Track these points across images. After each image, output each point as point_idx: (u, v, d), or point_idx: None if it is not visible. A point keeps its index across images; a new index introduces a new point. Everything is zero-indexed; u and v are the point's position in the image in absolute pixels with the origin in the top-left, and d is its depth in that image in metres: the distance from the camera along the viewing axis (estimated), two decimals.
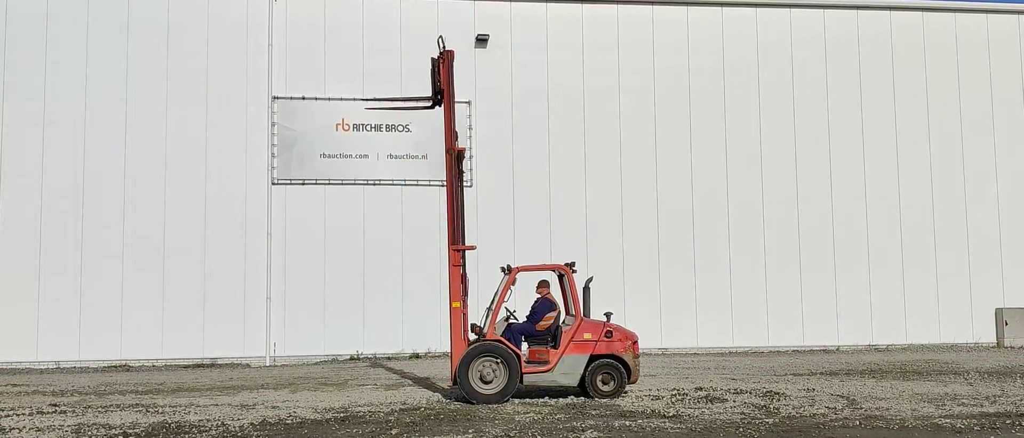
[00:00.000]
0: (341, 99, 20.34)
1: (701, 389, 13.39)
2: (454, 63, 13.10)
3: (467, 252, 12.75)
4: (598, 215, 20.89)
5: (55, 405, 12.37)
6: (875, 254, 21.70)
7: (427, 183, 20.44)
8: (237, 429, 10.04)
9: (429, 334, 19.72)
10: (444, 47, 12.95)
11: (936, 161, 22.15)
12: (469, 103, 20.61)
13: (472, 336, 12.62)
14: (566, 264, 13.18)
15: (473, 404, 11.90)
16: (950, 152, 22.23)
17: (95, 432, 9.91)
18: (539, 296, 12.96)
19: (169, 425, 10.39)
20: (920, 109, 22.21)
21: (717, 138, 21.46)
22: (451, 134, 12.92)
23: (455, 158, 12.79)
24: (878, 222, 21.80)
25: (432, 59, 13.20)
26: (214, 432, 9.86)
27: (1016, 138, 22.52)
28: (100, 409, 11.86)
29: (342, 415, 11.09)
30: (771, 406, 11.56)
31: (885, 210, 21.85)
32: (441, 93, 13.02)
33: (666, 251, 21.03)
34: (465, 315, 12.46)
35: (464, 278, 12.56)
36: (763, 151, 21.56)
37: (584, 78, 21.19)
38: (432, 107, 13.46)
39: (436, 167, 20.41)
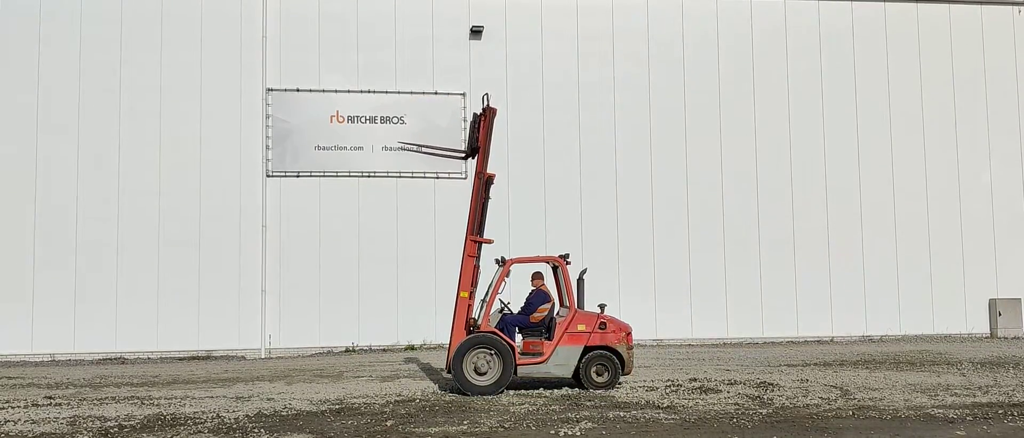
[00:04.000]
0: (335, 91, 20.31)
1: (695, 380, 13.43)
2: (494, 119, 12.97)
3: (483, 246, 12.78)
4: (593, 206, 20.90)
5: (50, 398, 12.37)
6: (869, 245, 21.76)
7: (421, 175, 20.43)
8: (232, 421, 10.05)
9: (424, 326, 19.74)
10: (488, 104, 12.89)
11: (930, 152, 22.19)
12: (463, 95, 20.62)
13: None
14: (560, 256, 13.20)
15: (468, 395, 11.93)
16: (944, 143, 22.27)
17: (90, 424, 9.92)
18: (533, 288, 13.00)
19: (164, 417, 10.39)
20: (914, 101, 22.24)
21: (711, 130, 21.47)
22: (482, 165, 12.76)
23: (484, 182, 12.74)
24: (872, 213, 21.84)
25: (474, 114, 13.10)
26: (210, 424, 9.87)
27: (1009, 129, 22.57)
28: (95, 401, 11.86)
29: (337, 407, 11.11)
30: (765, 397, 11.61)
31: (879, 201, 21.90)
32: (477, 147, 12.89)
33: (660, 243, 21.05)
34: (470, 306, 12.49)
35: (476, 271, 12.58)
36: (757, 142, 21.57)
37: (579, 69, 21.17)
38: (466, 158, 13.41)
39: (430, 159, 20.40)
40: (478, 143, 12.85)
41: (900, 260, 21.82)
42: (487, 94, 13.35)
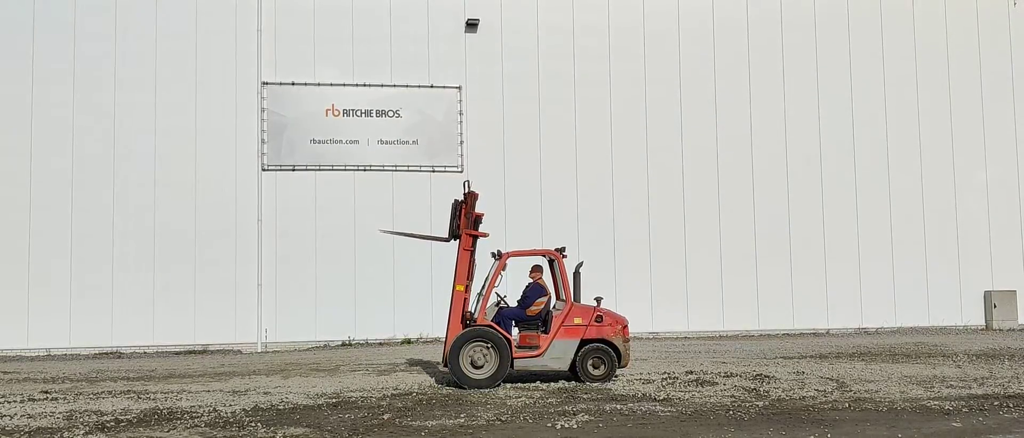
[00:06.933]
0: (331, 84, 20.27)
1: (691, 373, 13.45)
2: (476, 203, 12.87)
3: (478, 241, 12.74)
4: (589, 200, 20.89)
5: (46, 392, 12.36)
6: (864, 237, 21.79)
7: (417, 168, 20.41)
8: (229, 415, 10.04)
9: (421, 319, 19.74)
10: (469, 189, 12.84)
11: (926, 145, 22.22)
12: (459, 88, 20.59)
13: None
14: (556, 249, 13.20)
15: (465, 389, 11.93)
16: (940, 137, 22.30)
17: (87, 418, 9.91)
18: (530, 281, 12.99)
19: (161, 411, 10.38)
20: (910, 94, 22.25)
21: (707, 123, 21.46)
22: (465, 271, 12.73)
23: (473, 220, 12.71)
24: (867, 205, 21.87)
25: (455, 200, 13.01)
26: (206, 418, 9.87)
27: (1005, 123, 22.61)
28: (92, 396, 11.86)
29: (334, 400, 11.11)
30: (761, 389, 11.63)
31: (875, 193, 21.92)
32: (459, 234, 12.81)
33: (657, 236, 21.06)
34: (466, 300, 12.49)
35: (472, 264, 12.58)
36: (753, 137, 21.58)
37: (575, 63, 21.14)
38: (448, 240, 13.33)
39: (427, 152, 20.46)
40: (459, 229, 12.75)
41: (895, 252, 21.86)
42: (468, 181, 13.26)
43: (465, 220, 12.70)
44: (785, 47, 21.90)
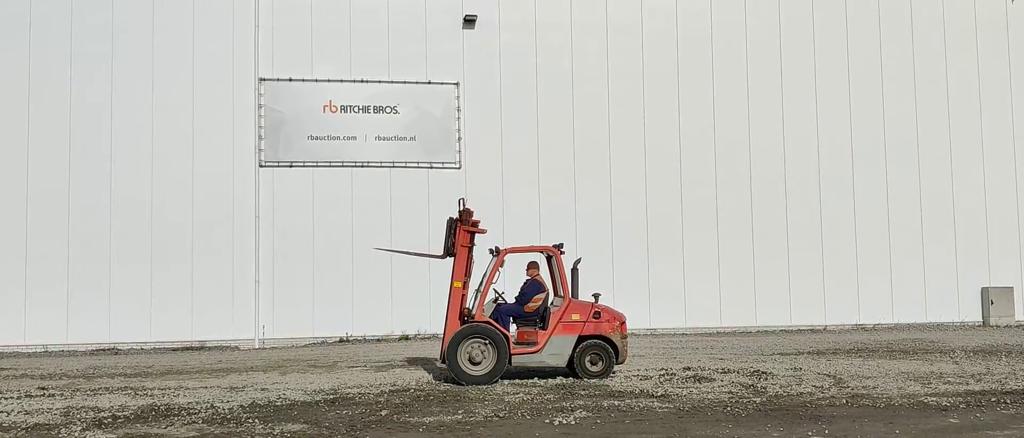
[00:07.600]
0: (328, 80, 20.25)
1: (689, 369, 13.45)
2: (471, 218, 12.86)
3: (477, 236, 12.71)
4: (587, 196, 20.88)
5: (44, 388, 12.33)
6: (862, 234, 21.80)
7: (416, 165, 20.39)
8: (227, 411, 10.02)
9: (418, 316, 19.71)
10: (464, 206, 12.81)
11: (923, 142, 22.24)
12: (457, 84, 20.58)
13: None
14: (555, 245, 13.19)
15: (462, 385, 11.93)
16: (937, 133, 22.32)
17: (84, 415, 9.88)
18: (528, 278, 12.98)
19: (158, 408, 10.37)
20: (908, 90, 22.26)
21: (706, 120, 21.46)
22: (461, 272, 12.66)
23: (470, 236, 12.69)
24: (865, 201, 21.89)
25: (450, 219, 12.98)
26: (203, 414, 9.85)
27: (1003, 119, 22.63)
28: (89, 392, 11.84)
29: (332, 397, 11.10)
30: (758, 385, 11.63)
31: (873, 191, 21.95)
32: (453, 252, 12.75)
33: (655, 232, 21.07)
34: (464, 296, 12.47)
35: (470, 261, 12.55)
36: (750, 133, 21.58)
37: (573, 59, 21.13)
38: (443, 257, 13.28)
39: (424, 149, 20.46)
40: (453, 250, 12.70)
41: (893, 249, 21.88)
42: (463, 198, 13.24)
43: (460, 237, 12.60)
44: (783, 45, 21.89)
